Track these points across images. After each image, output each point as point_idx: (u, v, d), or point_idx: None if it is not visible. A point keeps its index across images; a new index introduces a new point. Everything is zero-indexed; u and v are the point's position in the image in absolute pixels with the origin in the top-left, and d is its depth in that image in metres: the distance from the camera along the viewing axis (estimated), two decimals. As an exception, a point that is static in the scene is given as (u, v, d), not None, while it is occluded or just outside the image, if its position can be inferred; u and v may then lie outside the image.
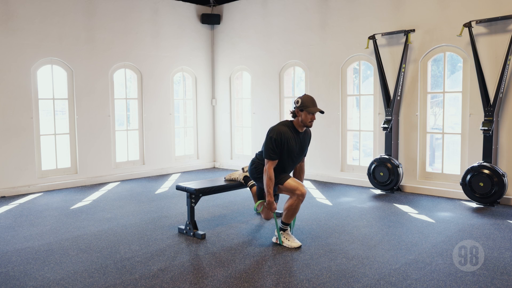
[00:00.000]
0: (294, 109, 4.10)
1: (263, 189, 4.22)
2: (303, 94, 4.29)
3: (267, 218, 4.42)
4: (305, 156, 4.38)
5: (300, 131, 4.15)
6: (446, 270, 3.55)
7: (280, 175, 4.16)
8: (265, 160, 4.07)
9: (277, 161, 4.07)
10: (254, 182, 4.65)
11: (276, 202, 4.41)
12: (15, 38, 6.58)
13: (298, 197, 4.07)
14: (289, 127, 4.11)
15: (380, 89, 6.65)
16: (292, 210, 4.12)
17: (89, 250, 4.12)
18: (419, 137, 6.50)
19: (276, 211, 4.81)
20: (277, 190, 4.23)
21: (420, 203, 5.83)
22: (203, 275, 3.53)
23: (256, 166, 4.32)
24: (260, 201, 4.39)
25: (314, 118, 4.08)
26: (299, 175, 4.47)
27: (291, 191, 4.09)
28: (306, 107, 4.02)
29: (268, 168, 4.04)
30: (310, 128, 4.31)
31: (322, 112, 4.08)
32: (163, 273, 3.54)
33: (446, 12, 6.09)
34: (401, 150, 6.64)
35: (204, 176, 8.22)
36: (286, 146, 4.05)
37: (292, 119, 4.17)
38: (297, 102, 4.06)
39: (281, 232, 4.20)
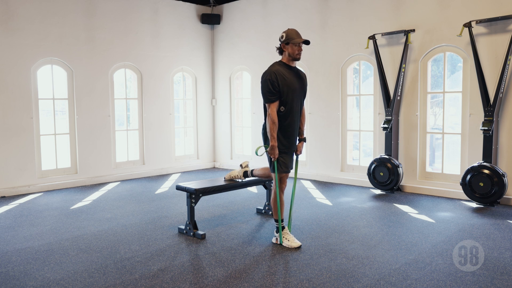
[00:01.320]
0: (280, 45, 4.07)
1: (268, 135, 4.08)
2: (287, 28, 4.24)
3: (269, 177, 4.39)
4: (304, 97, 4.23)
5: (291, 65, 4.10)
6: (446, 270, 3.55)
7: (286, 161, 4.06)
8: (267, 105, 4.01)
9: (277, 102, 3.98)
10: (253, 168, 4.63)
11: (292, 164, 4.23)
12: (15, 38, 6.58)
13: (274, 191, 4.11)
14: (280, 65, 4.07)
15: (380, 89, 6.65)
16: (274, 203, 4.14)
17: (89, 250, 4.12)
18: (419, 137, 6.50)
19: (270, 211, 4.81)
20: (270, 173, 4.21)
21: (420, 203, 5.83)
22: (203, 275, 3.53)
23: (264, 125, 4.17)
24: (263, 145, 4.23)
25: (301, 50, 4.04)
26: (300, 121, 4.28)
27: (276, 181, 4.07)
28: (291, 39, 3.99)
29: (271, 111, 3.97)
30: (303, 72, 4.24)
31: (307, 42, 4.00)
32: (163, 273, 3.54)
33: (446, 12, 6.09)
34: (401, 150, 6.64)
35: (204, 176, 8.22)
36: (283, 82, 3.98)
37: (281, 56, 4.13)
38: (282, 36, 4.04)
39: (281, 232, 4.19)
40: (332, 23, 7.30)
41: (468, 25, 5.74)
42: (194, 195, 4.44)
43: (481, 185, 5.51)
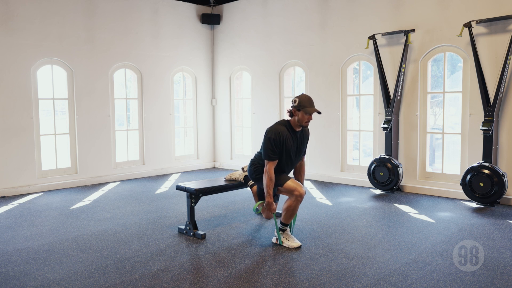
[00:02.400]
0: (291, 108, 4.10)
1: (263, 189, 4.21)
2: (301, 93, 4.29)
3: (268, 218, 4.43)
4: (304, 155, 4.38)
5: (297, 130, 4.15)
6: (446, 270, 3.55)
7: (280, 175, 4.16)
8: (265, 161, 4.07)
9: (277, 161, 4.07)
10: (253, 184, 4.66)
11: (276, 203, 4.41)
12: (15, 38, 6.58)
13: (297, 198, 4.07)
14: (286, 127, 4.11)
15: (380, 89, 6.65)
16: (291, 211, 4.12)
17: (89, 250, 4.12)
18: (419, 137, 6.50)
19: (276, 211, 4.82)
20: (277, 191, 4.23)
21: (420, 203, 5.83)
22: (203, 275, 3.53)
23: (256, 167, 4.31)
24: (260, 202, 4.39)
25: (311, 119, 4.08)
26: (299, 175, 4.47)
27: (290, 192, 4.10)
28: (304, 107, 4.01)
29: (269, 169, 4.04)
30: (307, 127, 4.31)
31: (319, 112, 4.08)
32: (163, 273, 3.54)
33: (446, 12, 6.09)
34: (401, 150, 6.64)
35: (204, 176, 8.22)
36: (284, 146, 4.06)
37: (289, 118, 4.17)
38: (295, 101, 4.05)
39: (280, 232, 4.20)
40: (332, 23, 7.30)
41: (468, 25, 5.74)
42: (194, 195, 4.44)
43: (481, 185, 5.51)
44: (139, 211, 5.59)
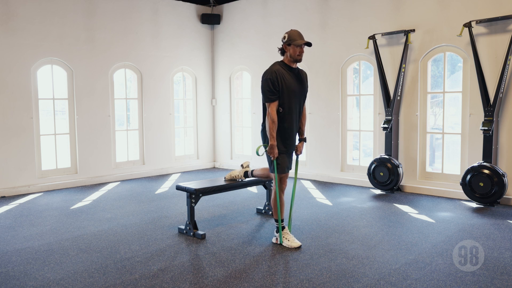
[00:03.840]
0: (281, 45, 4.06)
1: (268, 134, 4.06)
2: (290, 29, 4.24)
3: (268, 177, 4.40)
4: (305, 97, 4.24)
5: (293, 66, 4.10)
6: (446, 270, 3.55)
7: (285, 161, 4.05)
8: (266, 104, 4.01)
9: (277, 102, 3.98)
10: (253, 169, 4.64)
11: (287, 173, 4.20)
12: (15, 38, 6.58)
13: (276, 189, 4.09)
14: (281, 65, 4.07)
15: (380, 89, 6.65)
16: (274, 203, 4.14)
17: (89, 250, 4.12)
18: (419, 137, 6.50)
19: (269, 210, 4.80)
20: (270, 174, 4.21)
21: (420, 203, 5.83)
22: (203, 275, 3.53)
23: (264, 126, 4.17)
24: (262, 145, 4.23)
25: (303, 51, 4.03)
26: (301, 120, 4.29)
27: (276, 182, 4.07)
28: (293, 40, 3.98)
29: (271, 110, 3.96)
30: (304, 71, 4.24)
31: (309, 44, 3.99)
32: (163, 273, 3.54)
33: (446, 12, 6.09)
34: (401, 150, 6.64)
35: (204, 176, 8.22)
36: (283, 82, 3.99)
37: (282, 57, 4.13)
38: (284, 38, 4.02)
39: (281, 232, 4.19)
40: (332, 23, 7.30)
41: (468, 25, 5.74)
42: (194, 195, 4.44)
43: (481, 185, 5.51)
44: (139, 211, 5.59)
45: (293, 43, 4.00)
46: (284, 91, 4.00)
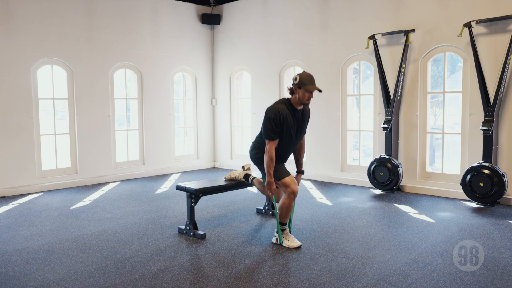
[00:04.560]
0: (292, 86, 4.05)
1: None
2: (302, 71, 4.23)
3: (270, 198, 4.40)
4: (304, 133, 4.29)
5: (298, 108, 4.09)
6: (446, 270, 3.55)
7: (280, 168, 4.12)
8: (266, 141, 4.03)
9: (277, 140, 4.02)
10: (255, 176, 4.64)
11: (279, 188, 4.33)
12: (15, 38, 6.58)
13: (289, 195, 4.06)
14: (286, 105, 4.05)
15: (380, 89, 6.65)
16: (285, 209, 4.11)
17: (89, 250, 4.12)
18: (419, 137, 6.50)
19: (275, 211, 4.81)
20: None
21: (420, 203, 5.83)
22: (203, 275, 3.53)
23: (257, 151, 4.26)
24: (259, 178, 4.30)
25: (312, 96, 4.01)
26: (299, 154, 4.40)
27: (284, 187, 4.08)
28: (304, 84, 3.95)
29: (270, 148, 3.99)
30: (308, 106, 4.25)
31: (320, 90, 3.99)
32: (163, 273, 3.54)
33: (446, 12, 6.09)
34: (401, 150, 6.64)
35: (204, 176, 8.22)
36: (284, 124, 4.00)
37: (290, 96, 4.11)
38: (295, 79, 4.00)
39: (280, 232, 4.19)
40: (332, 23, 7.30)
41: (468, 25, 5.74)
42: (194, 195, 4.44)
43: (481, 185, 5.51)
44: (139, 211, 5.59)
45: (304, 88, 3.95)
46: (284, 132, 4.05)
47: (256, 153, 4.28)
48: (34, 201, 6.19)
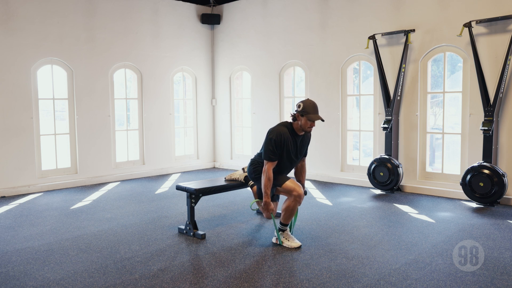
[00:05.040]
0: (295, 113, 4.08)
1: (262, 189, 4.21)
2: (306, 98, 4.26)
3: (268, 218, 4.42)
4: (305, 156, 4.36)
5: (299, 134, 4.13)
6: (446, 270, 3.55)
7: (279, 176, 4.16)
8: (265, 161, 4.07)
9: (276, 162, 4.07)
10: (254, 184, 4.65)
11: (276, 202, 4.41)
12: (15, 38, 6.58)
13: (295, 198, 4.06)
14: (288, 129, 4.10)
15: (380, 89, 6.65)
16: (290, 211, 4.11)
17: (89, 250, 4.12)
18: (419, 137, 6.50)
19: (277, 211, 4.81)
20: (275, 191, 4.23)
21: (420, 203, 5.83)
22: (203, 275, 3.53)
23: (255, 167, 4.31)
24: (256, 200, 4.38)
25: (314, 125, 4.06)
26: (300, 175, 4.44)
27: (289, 193, 4.09)
28: (307, 113, 3.99)
29: (268, 169, 4.03)
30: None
31: (322, 120, 4.06)
32: (163, 273, 3.54)
33: (446, 12, 6.09)
34: (401, 150, 6.64)
35: (204, 176, 8.22)
36: (285, 147, 4.05)
37: (292, 121, 4.15)
38: (299, 106, 4.03)
39: (280, 232, 4.20)
40: (332, 23, 7.30)
41: (468, 25, 5.74)
42: (194, 195, 4.44)
43: (481, 185, 5.51)
44: (139, 211, 5.59)
45: (307, 116, 3.99)
46: (283, 155, 4.08)
47: (255, 168, 4.31)
48: (34, 201, 6.19)
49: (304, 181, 4.45)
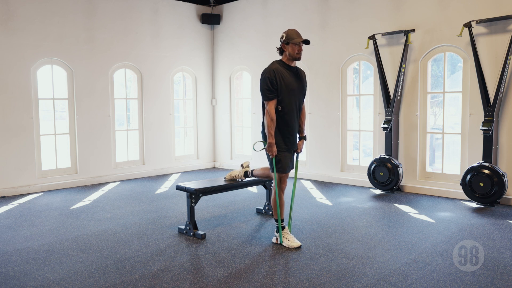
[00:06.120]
0: (280, 45, 4.07)
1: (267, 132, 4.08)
2: (287, 29, 4.24)
3: (269, 177, 4.41)
4: (304, 97, 4.24)
5: (291, 65, 4.10)
6: (446, 270, 3.55)
7: (285, 160, 4.06)
8: (265, 103, 4.02)
9: (276, 100, 3.99)
10: (253, 168, 4.65)
11: (287, 174, 4.18)
12: (15, 38, 6.58)
13: (276, 189, 4.08)
14: (279, 64, 4.08)
15: (380, 89, 6.65)
16: (274, 203, 4.14)
17: (89, 250, 4.12)
18: (419, 137, 6.50)
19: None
20: (270, 173, 4.23)
21: (420, 203, 5.83)
22: (203, 275, 3.53)
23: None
24: (261, 141, 4.26)
25: (301, 49, 4.03)
26: (300, 118, 4.29)
27: (278, 181, 4.09)
28: (292, 38, 3.99)
29: (269, 108, 3.98)
30: (303, 71, 4.24)
31: (307, 42, 3.99)
32: (163, 273, 3.54)
33: (446, 12, 6.09)
34: (401, 150, 6.64)
35: (204, 176, 8.22)
36: (282, 81, 4.00)
37: (280, 56, 4.13)
38: (282, 37, 4.04)
39: (281, 232, 4.19)
40: (332, 23, 7.30)
41: (468, 25, 5.74)
42: (194, 195, 4.44)
43: (481, 185, 5.51)
44: (139, 211, 5.59)
45: (292, 42, 4.00)
46: (283, 89, 4.01)
47: (263, 129, 4.18)
48: (34, 201, 6.19)
49: (303, 125, 4.33)
